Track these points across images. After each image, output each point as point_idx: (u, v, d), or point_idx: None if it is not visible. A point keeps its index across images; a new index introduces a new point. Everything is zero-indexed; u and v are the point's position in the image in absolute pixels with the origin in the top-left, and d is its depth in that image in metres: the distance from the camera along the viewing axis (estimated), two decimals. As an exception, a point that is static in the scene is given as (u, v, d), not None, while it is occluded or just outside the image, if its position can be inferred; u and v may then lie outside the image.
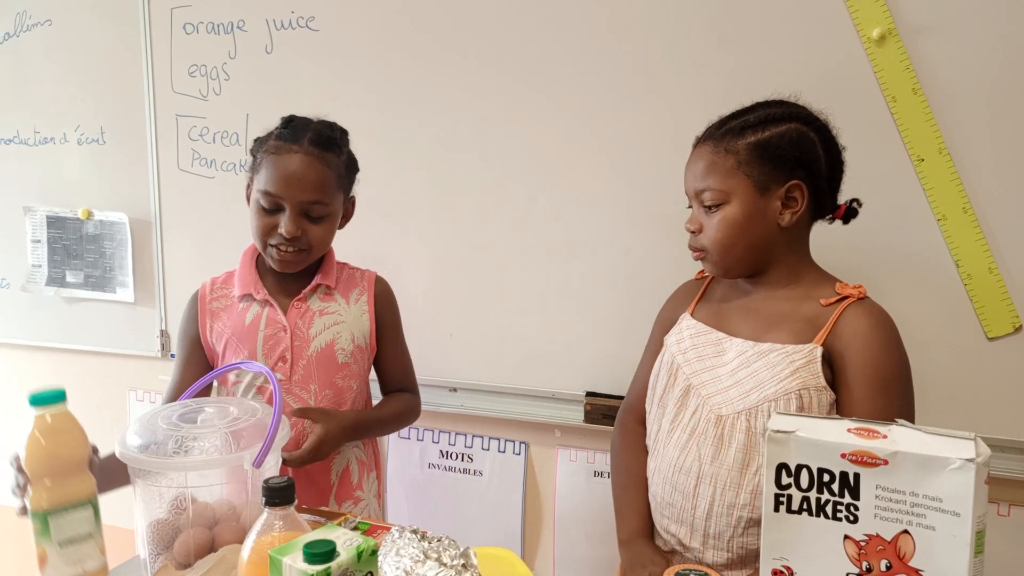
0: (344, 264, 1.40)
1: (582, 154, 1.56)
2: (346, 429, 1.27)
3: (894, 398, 1.03)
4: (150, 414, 1.09)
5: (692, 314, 1.21)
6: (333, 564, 0.69)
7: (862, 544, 0.77)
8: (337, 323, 1.32)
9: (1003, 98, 1.29)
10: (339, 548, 0.70)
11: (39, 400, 0.92)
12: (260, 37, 1.77)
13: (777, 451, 0.82)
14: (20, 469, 0.95)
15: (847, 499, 0.78)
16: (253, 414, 1.09)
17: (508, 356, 1.67)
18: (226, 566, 0.99)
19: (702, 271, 1.25)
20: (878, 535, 0.77)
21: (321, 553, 0.69)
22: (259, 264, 1.34)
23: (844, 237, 1.22)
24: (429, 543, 0.90)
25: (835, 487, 0.79)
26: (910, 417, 1.04)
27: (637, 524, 1.19)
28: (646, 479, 1.20)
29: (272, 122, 1.31)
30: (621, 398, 1.35)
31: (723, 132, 1.10)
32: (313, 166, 1.24)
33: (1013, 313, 1.32)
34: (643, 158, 1.51)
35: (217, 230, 1.88)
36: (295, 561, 0.69)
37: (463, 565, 0.87)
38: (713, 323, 1.17)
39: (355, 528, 1.06)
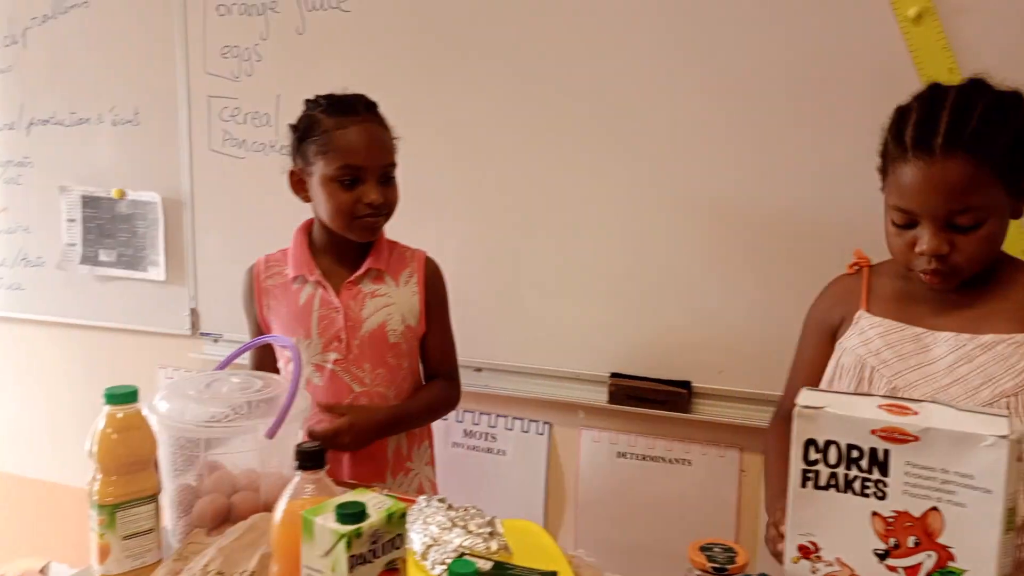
0: (395, 243, 1.40)
1: (611, 143, 1.56)
2: (379, 424, 1.29)
3: None
4: (179, 381, 1.12)
5: (868, 311, 1.10)
6: (364, 525, 0.70)
7: (890, 520, 0.77)
8: (388, 304, 1.33)
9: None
10: (369, 510, 0.72)
11: (113, 398, 0.94)
12: (292, 18, 1.78)
13: (805, 427, 0.81)
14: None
15: (876, 475, 0.77)
16: (276, 387, 1.10)
17: (533, 336, 1.68)
18: (256, 533, 1.01)
19: (853, 265, 1.15)
20: (906, 512, 0.76)
21: (352, 514, 0.70)
22: (311, 244, 1.36)
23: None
24: (456, 512, 0.91)
25: (864, 463, 0.78)
26: None
27: None
28: None
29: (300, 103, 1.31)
30: (647, 379, 1.33)
31: (970, 136, 0.93)
32: (380, 130, 1.29)
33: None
34: (668, 149, 1.51)
35: (247, 209, 1.91)
36: (327, 521, 0.70)
37: (489, 533, 0.88)
38: (901, 319, 1.06)
39: (383, 498, 1.07)
